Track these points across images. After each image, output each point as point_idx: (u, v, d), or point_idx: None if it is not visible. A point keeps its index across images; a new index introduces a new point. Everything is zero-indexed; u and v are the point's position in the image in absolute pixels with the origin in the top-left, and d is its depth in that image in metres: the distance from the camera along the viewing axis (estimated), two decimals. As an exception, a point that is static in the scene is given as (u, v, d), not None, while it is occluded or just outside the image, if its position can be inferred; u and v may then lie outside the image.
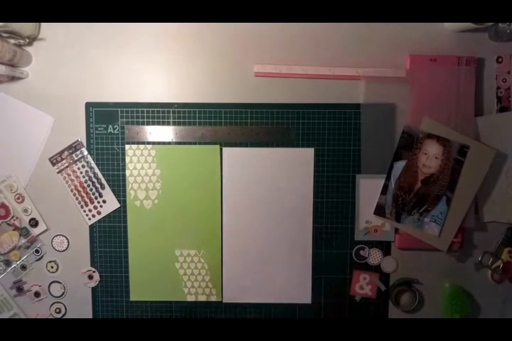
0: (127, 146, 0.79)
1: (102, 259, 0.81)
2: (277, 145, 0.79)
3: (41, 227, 0.81)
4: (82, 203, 0.80)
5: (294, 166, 0.79)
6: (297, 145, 0.79)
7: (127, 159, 0.80)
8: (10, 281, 0.82)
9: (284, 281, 0.80)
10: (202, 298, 0.81)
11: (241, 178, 0.79)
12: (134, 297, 0.81)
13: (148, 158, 0.79)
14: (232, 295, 0.81)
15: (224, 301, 0.81)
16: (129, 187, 0.80)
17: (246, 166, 0.79)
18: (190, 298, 0.81)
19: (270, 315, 0.81)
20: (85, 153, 0.80)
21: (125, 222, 0.80)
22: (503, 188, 0.80)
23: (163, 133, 0.79)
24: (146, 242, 0.80)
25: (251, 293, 0.81)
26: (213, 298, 0.81)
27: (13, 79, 0.79)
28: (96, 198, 0.80)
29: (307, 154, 0.79)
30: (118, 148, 0.80)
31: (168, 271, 0.80)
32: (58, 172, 0.80)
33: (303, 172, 0.79)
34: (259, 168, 0.79)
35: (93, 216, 0.80)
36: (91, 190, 0.80)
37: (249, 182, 0.79)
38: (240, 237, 0.80)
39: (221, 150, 0.79)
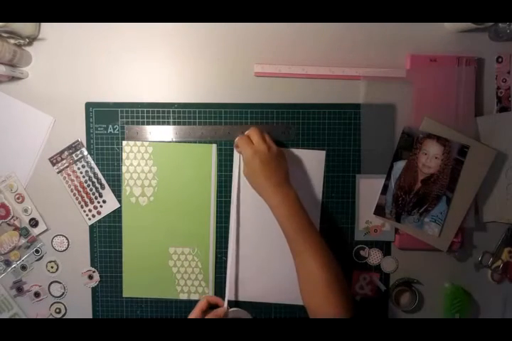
0: (124, 142, 0.79)
1: (102, 259, 0.81)
2: (277, 145, 0.79)
3: (41, 227, 0.81)
4: (82, 203, 0.80)
5: (304, 167, 0.79)
6: (297, 145, 0.79)
7: (124, 155, 0.79)
8: (10, 281, 0.82)
9: (287, 282, 0.80)
10: (194, 297, 0.81)
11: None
12: (126, 293, 0.81)
13: (145, 155, 0.79)
14: (232, 294, 0.81)
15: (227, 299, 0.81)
16: (124, 183, 0.80)
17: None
18: (183, 297, 0.81)
19: (270, 314, 0.81)
20: (85, 153, 0.80)
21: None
22: (503, 188, 0.80)
23: (163, 132, 0.79)
24: (141, 238, 0.80)
25: (252, 292, 0.81)
26: None
27: (13, 79, 0.79)
28: (96, 198, 0.80)
29: (318, 156, 0.79)
30: (118, 148, 0.80)
31: (161, 269, 0.80)
32: (58, 172, 0.80)
33: (313, 174, 0.79)
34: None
35: (93, 216, 0.80)
36: (91, 190, 0.80)
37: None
38: (245, 236, 0.80)
39: (222, 148, 0.79)
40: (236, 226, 0.80)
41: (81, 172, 0.80)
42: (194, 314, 0.74)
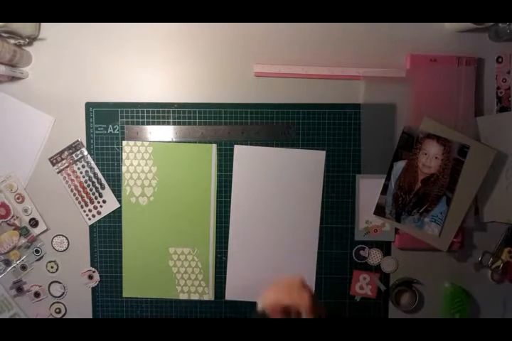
0: (124, 142, 0.79)
1: (102, 259, 0.81)
2: (277, 145, 0.79)
3: (41, 227, 0.81)
4: (82, 203, 0.80)
5: (304, 167, 0.79)
6: (297, 145, 0.79)
7: (124, 155, 0.80)
8: (10, 281, 0.82)
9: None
10: (194, 297, 0.81)
11: (250, 177, 0.79)
12: (126, 293, 0.81)
13: (145, 155, 0.80)
14: (233, 294, 0.81)
15: (227, 298, 0.81)
16: (124, 183, 0.80)
17: (256, 165, 0.79)
18: (183, 297, 0.81)
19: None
20: (85, 153, 0.80)
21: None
22: (503, 188, 0.80)
23: (163, 132, 0.79)
24: (141, 238, 0.80)
25: (252, 292, 0.81)
26: (206, 297, 0.81)
27: (13, 79, 0.79)
28: (96, 198, 0.80)
29: (318, 156, 0.79)
30: (118, 148, 0.80)
31: (161, 269, 0.81)
32: (58, 172, 0.80)
33: (312, 174, 0.79)
34: (269, 168, 0.79)
35: (93, 216, 0.80)
36: (91, 190, 0.80)
37: (258, 181, 0.79)
38: (246, 236, 0.80)
39: (222, 148, 0.79)
40: (236, 226, 0.80)
41: (81, 173, 0.80)
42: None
